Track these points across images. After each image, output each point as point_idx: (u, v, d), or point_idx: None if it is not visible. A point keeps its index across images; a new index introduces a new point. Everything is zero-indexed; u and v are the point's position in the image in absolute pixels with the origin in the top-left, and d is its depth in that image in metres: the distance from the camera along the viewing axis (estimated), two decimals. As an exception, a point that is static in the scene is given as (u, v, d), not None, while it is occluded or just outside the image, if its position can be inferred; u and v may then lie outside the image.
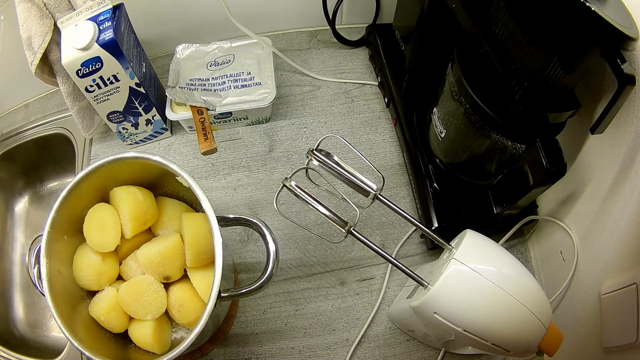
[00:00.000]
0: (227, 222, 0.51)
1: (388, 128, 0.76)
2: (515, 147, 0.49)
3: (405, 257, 0.67)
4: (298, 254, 0.67)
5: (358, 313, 0.63)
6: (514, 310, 0.41)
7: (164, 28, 0.79)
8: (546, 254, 0.63)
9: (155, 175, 0.55)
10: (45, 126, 0.79)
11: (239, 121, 0.74)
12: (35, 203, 0.83)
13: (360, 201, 0.49)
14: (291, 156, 0.74)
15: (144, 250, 0.53)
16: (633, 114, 0.42)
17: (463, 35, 0.48)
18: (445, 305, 0.43)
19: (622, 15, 0.38)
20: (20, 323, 0.73)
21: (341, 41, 0.83)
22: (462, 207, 0.62)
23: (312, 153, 0.47)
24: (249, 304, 0.64)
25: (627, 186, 0.45)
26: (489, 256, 0.45)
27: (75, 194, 0.51)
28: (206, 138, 0.65)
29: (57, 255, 0.50)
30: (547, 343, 0.42)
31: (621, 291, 0.46)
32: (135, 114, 0.69)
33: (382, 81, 0.76)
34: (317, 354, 0.61)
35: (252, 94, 0.71)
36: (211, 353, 0.61)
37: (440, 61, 0.55)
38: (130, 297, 0.52)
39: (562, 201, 0.57)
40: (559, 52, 0.38)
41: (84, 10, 0.59)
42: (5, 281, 0.75)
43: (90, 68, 0.59)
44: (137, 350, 0.53)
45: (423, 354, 0.61)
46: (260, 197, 0.71)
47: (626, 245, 0.46)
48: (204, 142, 0.64)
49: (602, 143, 0.48)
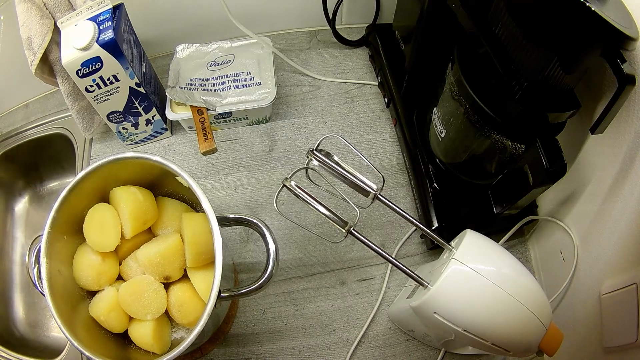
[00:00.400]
0: (227, 222, 0.51)
1: (388, 128, 0.76)
2: (515, 147, 0.49)
3: (405, 257, 0.67)
4: (298, 254, 0.67)
5: (358, 313, 0.63)
6: (514, 310, 0.41)
7: (164, 28, 0.79)
8: (546, 254, 0.63)
9: (155, 175, 0.55)
10: (45, 126, 0.79)
11: (239, 121, 0.74)
12: (35, 203, 0.83)
13: (360, 201, 0.49)
14: (291, 156, 0.74)
15: (144, 250, 0.53)
16: (633, 114, 0.42)
17: (463, 35, 0.48)
18: (445, 305, 0.43)
19: (622, 15, 0.38)
20: (20, 323, 0.73)
21: (341, 41, 0.83)
22: (462, 207, 0.62)
23: (312, 153, 0.47)
24: (249, 304, 0.64)
25: (627, 186, 0.45)
26: (489, 256, 0.45)
27: (75, 194, 0.51)
28: (206, 138, 0.65)
29: (57, 255, 0.50)
30: (547, 343, 0.42)
31: (621, 291, 0.46)
32: (135, 114, 0.69)
33: (382, 81, 0.76)
34: (317, 354, 0.61)
35: (252, 94, 0.71)
36: (211, 353, 0.61)
37: (440, 61, 0.55)
38: (130, 297, 0.52)
39: (562, 201, 0.57)
40: (559, 52, 0.38)
41: (84, 10, 0.59)
42: (5, 281, 0.75)
43: (90, 68, 0.59)
44: (137, 350, 0.53)
45: (423, 354, 0.61)
46: (260, 197, 0.71)
47: (626, 245, 0.46)
48: (204, 142, 0.64)
49: (602, 143, 0.48)
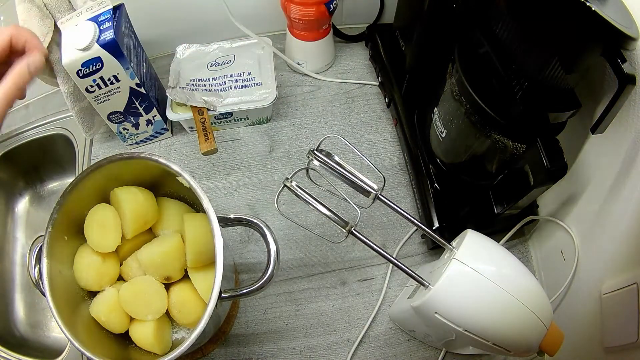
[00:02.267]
0: (227, 223, 0.51)
1: (389, 128, 0.76)
2: (515, 147, 0.49)
3: (406, 257, 0.67)
4: (299, 254, 0.67)
5: (359, 313, 0.63)
6: (514, 310, 0.41)
7: (164, 28, 0.79)
8: (547, 253, 0.63)
9: (156, 176, 0.55)
10: (45, 126, 0.79)
11: (239, 121, 0.75)
12: (35, 203, 0.83)
13: (361, 201, 0.49)
14: (292, 156, 0.74)
15: (144, 251, 0.53)
16: (634, 113, 0.42)
17: (463, 35, 0.48)
18: (446, 305, 0.43)
19: (622, 14, 0.38)
20: (21, 323, 0.73)
21: (341, 37, 0.83)
22: (463, 207, 0.62)
23: (313, 153, 0.47)
24: (250, 304, 0.64)
25: (628, 186, 0.45)
26: (490, 256, 0.45)
27: (76, 194, 0.51)
28: (207, 138, 0.65)
29: (57, 256, 0.50)
30: (548, 343, 0.42)
31: (622, 291, 0.46)
32: (136, 115, 0.69)
33: (382, 81, 0.76)
34: (318, 354, 0.61)
35: (253, 94, 0.71)
36: (212, 353, 0.61)
37: (441, 61, 0.55)
38: (131, 298, 0.52)
39: (562, 201, 0.57)
40: (559, 52, 0.38)
41: (85, 10, 0.59)
42: (6, 282, 0.75)
43: (90, 68, 0.59)
44: (138, 350, 0.53)
45: (424, 354, 0.61)
46: (261, 197, 0.71)
47: (627, 244, 0.46)
48: (204, 143, 0.64)
49: (602, 143, 0.48)
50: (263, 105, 0.70)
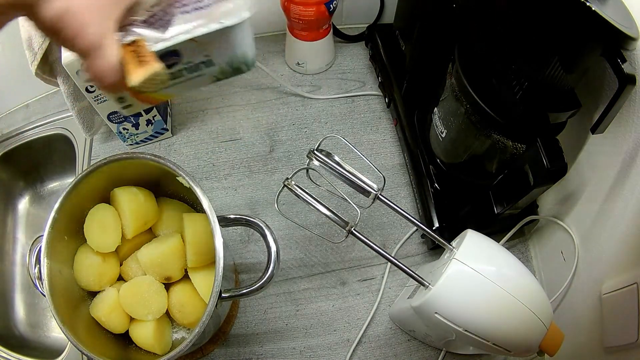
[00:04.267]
0: (227, 223, 0.51)
1: (389, 128, 0.76)
2: (515, 147, 0.49)
3: (406, 257, 0.67)
4: (299, 254, 0.67)
5: (359, 313, 0.63)
6: (514, 310, 0.41)
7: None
8: (547, 253, 0.63)
9: (156, 176, 0.55)
10: (45, 126, 0.79)
11: (199, 72, 0.38)
12: (35, 203, 0.83)
13: (361, 201, 0.49)
14: (292, 156, 0.74)
15: (144, 251, 0.53)
16: (634, 113, 0.42)
17: (463, 35, 0.48)
18: (446, 305, 0.43)
19: (622, 15, 0.38)
20: (21, 323, 0.73)
21: (340, 37, 0.83)
22: (463, 207, 0.62)
23: (313, 153, 0.47)
24: (250, 304, 0.64)
25: (628, 186, 0.45)
26: (490, 256, 0.45)
27: (76, 194, 0.51)
28: (141, 62, 0.35)
29: (57, 256, 0.50)
30: (548, 343, 0.42)
31: (622, 291, 0.46)
32: (136, 115, 0.69)
33: (382, 81, 0.76)
34: (318, 354, 0.61)
35: (211, 15, 0.37)
36: (212, 353, 0.61)
37: (441, 61, 0.55)
38: (131, 298, 0.52)
39: (562, 201, 0.57)
40: (559, 52, 0.38)
41: (85, 10, 0.59)
42: (6, 282, 0.75)
43: (90, 68, 0.59)
44: (138, 350, 0.53)
45: (424, 354, 0.61)
46: (261, 197, 0.71)
47: (627, 244, 0.46)
48: (138, 69, 0.34)
49: (602, 143, 0.48)
50: (228, 23, 0.36)
